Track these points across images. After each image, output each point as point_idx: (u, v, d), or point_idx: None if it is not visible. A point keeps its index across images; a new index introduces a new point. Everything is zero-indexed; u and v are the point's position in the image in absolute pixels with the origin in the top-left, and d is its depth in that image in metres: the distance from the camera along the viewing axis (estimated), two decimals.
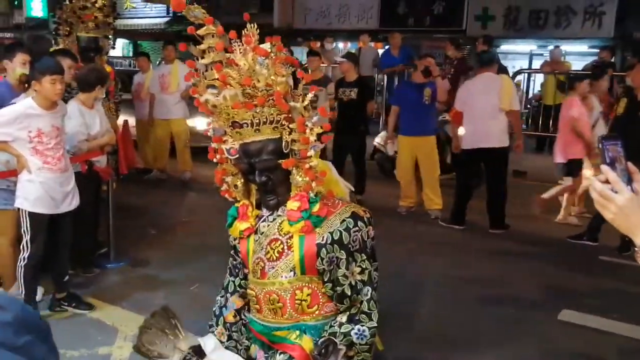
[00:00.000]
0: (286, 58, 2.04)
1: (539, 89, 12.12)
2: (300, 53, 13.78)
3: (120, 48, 18.83)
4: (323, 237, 2.11)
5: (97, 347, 3.62)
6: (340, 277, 2.11)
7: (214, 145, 2.19)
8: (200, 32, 2.01)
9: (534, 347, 3.87)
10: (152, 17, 17.83)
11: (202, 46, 2.02)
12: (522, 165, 8.51)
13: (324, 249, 2.09)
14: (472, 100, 6.18)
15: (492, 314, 4.31)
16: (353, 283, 2.13)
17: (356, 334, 2.12)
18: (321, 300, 2.17)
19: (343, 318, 2.16)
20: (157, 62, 9.63)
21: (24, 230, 3.69)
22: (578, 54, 13.62)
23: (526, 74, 12.03)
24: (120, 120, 6.61)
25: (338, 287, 2.12)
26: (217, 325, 2.38)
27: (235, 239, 2.30)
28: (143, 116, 8.30)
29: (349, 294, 2.13)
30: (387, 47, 11.89)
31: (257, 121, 2.05)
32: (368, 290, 2.15)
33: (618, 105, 5.93)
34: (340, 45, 15.91)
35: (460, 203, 6.41)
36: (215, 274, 2.97)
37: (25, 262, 3.71)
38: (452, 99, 7.06)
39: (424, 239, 6.08)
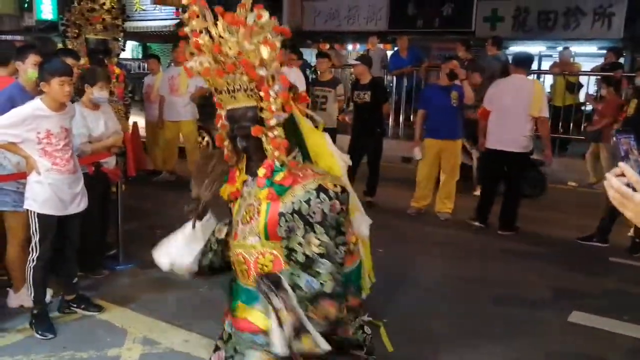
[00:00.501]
0: (275, 28, 2.08)
1: (548, 90, 12.06)
2: (310, 55, 13.78)
3: (129, 50, 18.90)
4: (286, 206, 2.14)
5: (106, 349, 3.63)
6: (295, 245, 2.13)
7: (218, 111, 2.29)
8: (184, 1, 2.08)
9: (544, 348, 3.85)
10: (162, 19, 17.87)
11: (185, 15, 2.10)
12: None
13: (283, 217, 2.13)
14: (501, 100, 6.12)
15: (502, 315, 4.30)
16: (309, 254, 2.12)
17: (306, 280, 2.10)
18: (283, 267, 2.19)
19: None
20: (167, 64, 9.64)
21: (32, 232, 3.70)
22: (587, 55, 13.54)
23: (535, 76, 11.96)
24: (130, 122, 6.62)
25: (293, 254, 2.14)
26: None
27: (230, 202, 2.38)
28: (153, 118, 8.33)
29: (302, 261, 2.12)
30: (395, 48, 11.87)
31: (232, 88, 2.14)
32: (325, 263, 2.12)
33: (628, 106, 5.89)
34: (350, 47, 15.91)
35: (483, 202, 6.40)
36: (224, 276, 2.96)
37: (34, 263, 3.71)
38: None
39: (434, 240, 6.07)
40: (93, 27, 6.02)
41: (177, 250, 2.51)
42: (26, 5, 19.14)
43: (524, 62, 6.29)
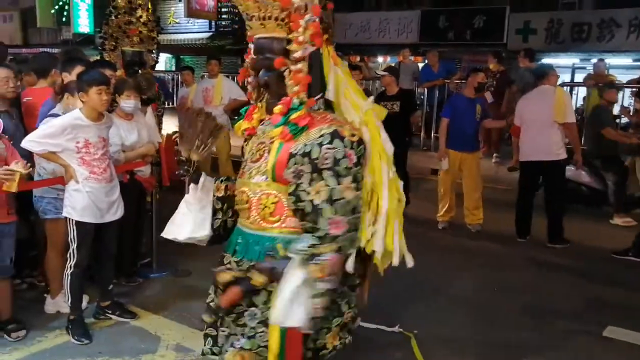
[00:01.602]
0: None
1: (582, 102, 11.89)
2: None
3: (163, 62, 19.24)
4: (297, 147, 2.04)
5: (140, 355, 3.68)
6: (301, 193, 2.04)
7: (249, 44, 2.22)
8: None
9: None
10: (195, 32, 18.17)
11: None
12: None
13: (293, 159, 2.04)
14: (528, 113, 6.15)
15: (535, 328, 4.24)
16: (315, 202, 2.01)
17: (301, 241, 2.03)
18: (285, 213, 2.11)
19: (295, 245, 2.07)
20: (200, 76, 9.80)
21: (71, 239, 3.77)
22: (622, 67, 13.32)
23: (569, 88, 11.82)
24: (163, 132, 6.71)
25: (300, 203, 2.04)
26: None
27: (244, 141, 2.33)
28: None
29: (309, 211, 2.03)
30: (426, 60, 11.86)
31: (263, 15, 2.06)
32: (333, 214, 1.99)
33: None
34: (380, 59, 15.93)
35: (520, 215, 6.33)
36: None
37: (72, 270, 3.79)
38: (496, 113, 6.99)
39: (465, 251, 6.03)
40: (130, 39, 6.15)
41: (191, 225, 2.44)
42: (64, 19, 19.66)
43: (541, 75, 6.27)
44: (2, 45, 5.94)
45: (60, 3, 19.75)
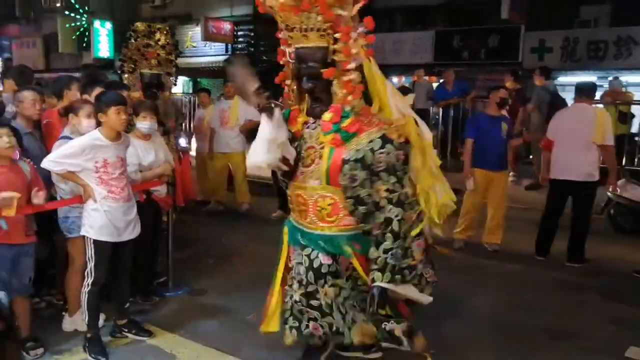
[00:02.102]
0: None
1: None
2: None
3: (180, 85, 19.49)
4: (350, 154, 2.14)
5: None
6: (364, 197, 2.15)
7: (282, 47, 2.28)
8: None
9: None
10: (212, 55, 18.40)
11: None
12: None
13: (347, 165, 2.14)
14: (565, 129, 6.00)
15: (556, 348, 4.18)
16: (377, 200, 2.13)
17: (391, 256, 2.16)
18: (341, 212, 2.22)
19: (374, 253, 2.19)
20: (217, 98, 9.92)
21: (88, 258, 3.82)
22: None
23: None
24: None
25: (361, 207, 2.14)
26: None
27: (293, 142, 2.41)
28: (202, 149, 8.53)
29: (373, 210, 2.16)
30: (441, 80, 11.89)
31: (305, 27, 2.10)
32: (396, 210, 2.13)
33: None
34: (395, 79, 16.00)
35: (543, 233, 6.24)
36: None
37: (89, 288, 3.83)
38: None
39: (483, 270, 5.98)
40: (148, 62, 6.29)
41: (272, 150, 2.38)
42: (84, 44, 20.10)
43: (587, 91, 6.14)
44: (28, 69, 6.10)
45: (82, 29, 20.22)
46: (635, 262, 5.99)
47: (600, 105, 10.53)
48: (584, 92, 6.11)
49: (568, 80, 14.29)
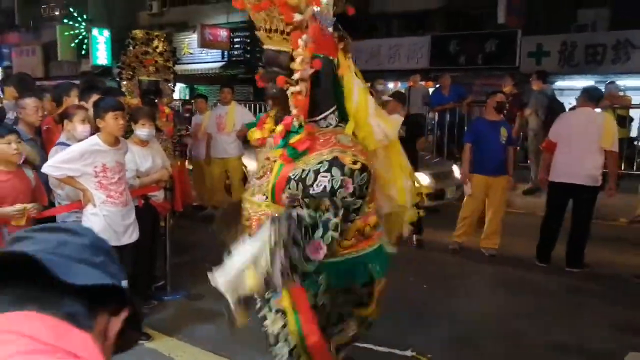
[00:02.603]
0: None
1: None
2: None
3: (177, 92, 19.56)
4: (295, 172, 1.98)
5: None
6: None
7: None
8: None
9: None
10: (208, 62, 18.48)
11: None
12: None
13: (289, 184, 1.99)
14: (570, 133, 5.93)
15: (555, 353, 4.18)
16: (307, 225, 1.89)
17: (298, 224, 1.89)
18: None
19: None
20: (213, 104, 9.96)
21: None
22: (639, 88, 13.24)
23: None
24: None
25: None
26: None
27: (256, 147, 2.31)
28: (200, 155, 8.56)
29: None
30: (437, 85, 11.91)
31: (269, 27, 2.02)
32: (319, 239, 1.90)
33: None
34: (391, 84, 16.05)
35: (544, 239, 6.19)
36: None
37: None
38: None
39: (481, 276, 5.98)
40: (146, 69, 6.31)
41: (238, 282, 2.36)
42: (83, 52, 20.20)
43: (595, 96, 6.12)
44: (28, 76, 6.13)
45: (80, 37, 20.32)
46: (636, 267, 5.99)
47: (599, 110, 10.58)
48: (593, 97, 6.09)
49: (566, 85, 14.35)
